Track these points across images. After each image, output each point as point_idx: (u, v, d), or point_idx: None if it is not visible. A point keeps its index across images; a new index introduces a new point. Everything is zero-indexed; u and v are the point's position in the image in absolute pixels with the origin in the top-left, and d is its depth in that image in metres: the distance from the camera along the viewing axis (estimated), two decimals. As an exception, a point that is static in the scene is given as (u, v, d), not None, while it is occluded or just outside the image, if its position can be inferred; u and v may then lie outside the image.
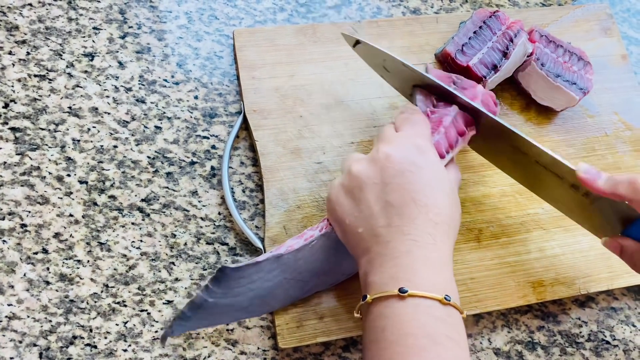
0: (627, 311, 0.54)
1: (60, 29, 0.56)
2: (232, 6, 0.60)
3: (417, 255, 0.39)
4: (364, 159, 0.44)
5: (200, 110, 0.55)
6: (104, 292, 0.47)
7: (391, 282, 0.39)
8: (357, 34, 0.59)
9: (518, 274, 0.52)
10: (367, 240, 0.41)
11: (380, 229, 0.41)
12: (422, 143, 0.43)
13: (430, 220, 0.40)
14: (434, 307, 0.38)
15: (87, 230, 0.49)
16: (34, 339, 0.45)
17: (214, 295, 0.43)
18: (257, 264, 0.44)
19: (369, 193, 0.42)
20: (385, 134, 0.45)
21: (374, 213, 0.41)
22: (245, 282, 0.44)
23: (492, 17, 0.57)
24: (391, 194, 0.41)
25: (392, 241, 0.40)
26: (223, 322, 0.46)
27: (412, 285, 0.38)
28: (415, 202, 0.41)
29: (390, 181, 0.41)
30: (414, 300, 0.37)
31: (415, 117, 0.46)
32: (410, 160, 0.42)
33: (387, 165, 0.42)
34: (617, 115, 0.61)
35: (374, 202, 0.41)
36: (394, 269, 0.39)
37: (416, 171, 0.41)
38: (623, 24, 0.68)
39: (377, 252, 0.40)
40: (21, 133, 0.51)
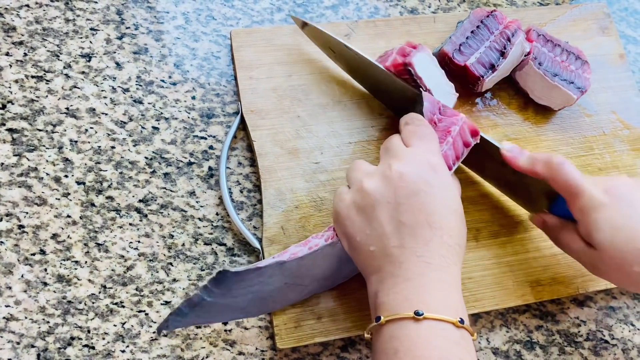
0: (625, 310, 0.54)
1: (58, 30, 0.56)
2: (229, 6, 0.60)
3: (431, 277, 0.39)
4: (375, 175, 0.42)
5: (197, 111, 0.55)
6: (102, 293, 0.47)
7: (405, 304, 0.38)
8: (354, 34, 0.59)
9: (516, 273, 0.52)
10: (378, 259, 0.41)
11: (393, 249, 0.40)
12: (434, 160, 0.43)
13: (444, 243, 0.40)
14: (448, 330, 0.38)
15: (85, 231, 0.49)
16: (31, 340, 0.45)
17: (213, 295, 0.43)
18: (259, 269, 0.44)
19: (381, 212, 0.41)
20: (395, 149, 0.44)
21: (387, 232, 0.41)
22: (245, 285, 0.44)
23: (489, 17, 0.57)
24: (405, 214, 0.40)
25: (405, 262, 0.40)
26: (219, 320, 0.46)
27: (427, 307, 0.38)
28: (430, 224, 0.40)
29: (404, 201, 0.41)
30: (429, 323, 0.37)
31: (423, 130, 0.45)
32: (424, 179, 0.41)
33: (401, 184, 0.41)
34: (615, 114, 0.60)
35: (387, 222, 0.41)
36: (408, 291, 0.39)
37: (430, 191, 0.41)
38: (621, 23, 0.68)
39: (389, 272, 0.40)
40: (18, 134, 0.51)
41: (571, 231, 0.46)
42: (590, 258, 0.45)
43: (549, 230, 0.49)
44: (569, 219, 0.47)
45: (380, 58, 0.54)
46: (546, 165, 0.45)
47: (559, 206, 0.48)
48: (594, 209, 0.43)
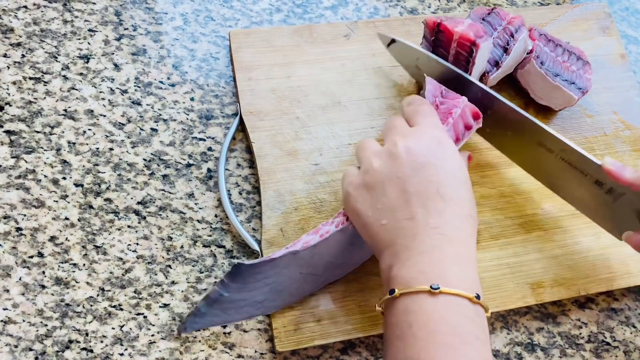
0: (627, 312, 0.54)
1: (56, 31, 0.55)
2: (228, 7, 0.60)
3: (447, 250, 0.39)
4: (383, 153, 0.43)
5: (196, 112, 0.55)
6: (100, 295, 0.47)
7: (421, 277, 0.38)
8: (354, 34, 0.58)
9: (517, 275, 0.51)
10: (391, 232, 0.40)
11: (405, 221, 0.40)
12: (439, 135, 0.43)
13: (457, 214, 0.40)
14: (464, 306, 0.37)
15: (83, 233, 0.49)
16: (29, 343, 0.45)
17: (229, 290, 0.44)
18: (273, 260, 0.44)
19: (391, 187, 0.41)
20: (399, 127, 0.44)
21: (398, 206, 0.40)
22: (261, 277, 0.44)
23: (491, 14, 0.57)
24: (415, 186, 0.40)
25: (419, 234, 0.39)
26: (237, 318, 0.46)
27: (444, 282, 0.37)
28: (441, 195, 0.40)
29: (413, 174, 0.41)
30: (446, 298, 0.37)
31: (425, 108, 0.45)
32: (432, 152, 0.41)
33: (410, 158, 0.41)
34: (616, 115, 0.60)
35: (398, 195, 0.41)
36: (423, 264, 0.38)
37: (438, 163, 0.41)
38: (622, 23, 0.67)
39: (402, 245, 0.40)
40: (16, 136, 0.51)
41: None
42: None
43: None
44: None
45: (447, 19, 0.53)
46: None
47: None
48: None
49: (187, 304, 0.48)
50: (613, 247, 0.53)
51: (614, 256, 0.53)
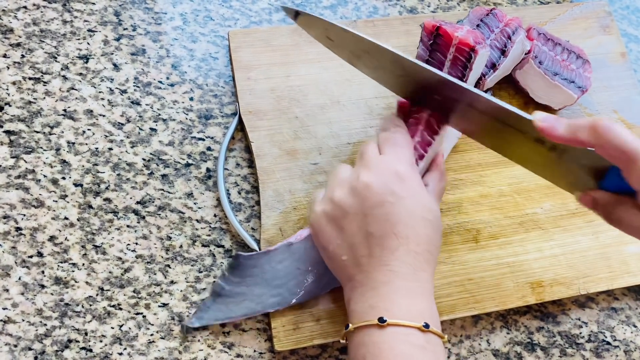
0: (627, 311, 0.53)
1: (55, 32, 0.55)
2: (227, 7, 0.60)
3: (397, 285, 0.40)
4: (345, 185, 0.43)
5: (195, 112, 0.55)
6: (99, 295, 0.47)
7: (371, 311, 0.40)
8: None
9: (517, 274, 0.51)
10: (350, 268, 0.42)
11: (362, 258, 0.41)
12: (402, 169, 0.43)
13: (410, 251, 0.41)
14: (412, 335, 0.38)
15: (82, 233, 0.49)
16: (29, 342, 0.45)
17: (231, 283, 0.46)
18: (269, 252, 0.46)
19: (350, 222, 0.42)
20: (367, 157, 0.44)
21: (356, 243, 0.42)
22: (258, 271, 0.46)
23: (489, 15, 0.57)
24: (372, 224, 0.41)
25: (373, 271, 0.41)
26: (238, 315, 0.46)
27: (390, 314, 0.39)
28: (396, 234, 0.41)
29: (370, 212, 0.41)
30: (393, 329, 0.38)
31: (397, 137, 0.45)
32: (390, 189, 0.42)
33: (367, 195, 0.42)
34: (616, 114, 0.60)
35: (356, 232, 0.42)
36: (374, 299, 0.40)
37: (396, 202, 0.41)
38: (622, 22, 0.67)
39: (359, 281, 0.41)
40: (16, 136, 0.51)
41: (630, 206, 0.40)
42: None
43: (602, 209, 0.42)
44: (625, 193, 0.40)
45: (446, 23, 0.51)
46: (591, 131, 0.38)
47: (610, 180, 0.41)
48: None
49: (186, 303, 0.48)
50: (613, 246, 0.53)
51: (614, 255, 0.53)
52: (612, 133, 0.37)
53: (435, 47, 0.53)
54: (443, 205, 0.53)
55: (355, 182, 0.43)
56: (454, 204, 0.53)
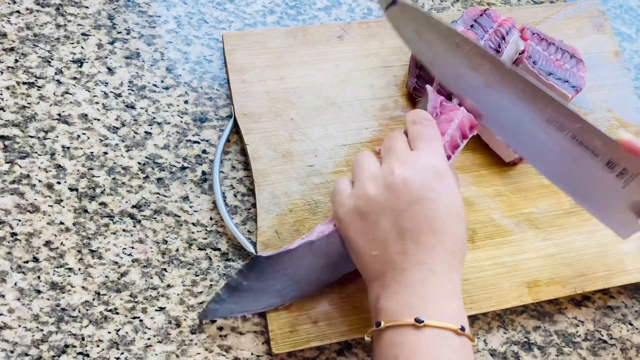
0: (623, 310, 0.54)
1: (49, 36, 0.55)
2: (221, 10, 0.60)
3: (434, 284, 0.39)
4: (379, 180, 0.41)
5: (190, 115, 0.55)
6: (96, 300, 0.47)
7: (406, 311, 0.38)
8: (347, 35, 0.58)
9: (513, 274, 0.51)
10: (381, 264, 0.41)
11: (396, 255, 0.40)
12: (439, 165, 0.42)
13: (447, 249, 0.40)
14: (449, 338, 0.37)
15: (78, 237, 0.48)
16: (25, 348, 0.44)
17: (248, 279, 0.45)
18: (290, 251, 0.45)
19: (385, 219, 0.41)
20: (398, 151, 0.43)
21: (390, 239, 0.40)
22: (279, 268, 0.46)
23: (483, 15, 0.57)
24: (408, 221, 0.40)
25: (409, 269, 0.40)
26: (256, 307, 0.46)
27: (428, 315, 0.38)
28: (434, 231, 0.40)
29: (408, 208, 0.40)
30: (430, 331, 0.37)
31: (429, 132, 0.44)
32: (429, 186, 0.40)
33: (404, 191, 0.40)
34: (610, 113, 0.60)
35: (391, 229, 0.40)
36: (410, 298, 0.39)
37: (435, 198, 0.40)
38: (615, 21, 0.67)
39: (391, 278, 0.40)
40: (10, 141, 0.51)
41: None
42: None
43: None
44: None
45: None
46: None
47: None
48: None
49: (183, 307, 0.48)
50: (609, 245, 0.53)
51: (610, 254, 0.53)
52: None
53: (429, 48, 0.53)
54: (439, 205, 0.53)
55: (390, 177, 0.41)
56: (450, 205, 0.53)
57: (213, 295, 0.47)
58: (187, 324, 0.47)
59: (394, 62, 0.58)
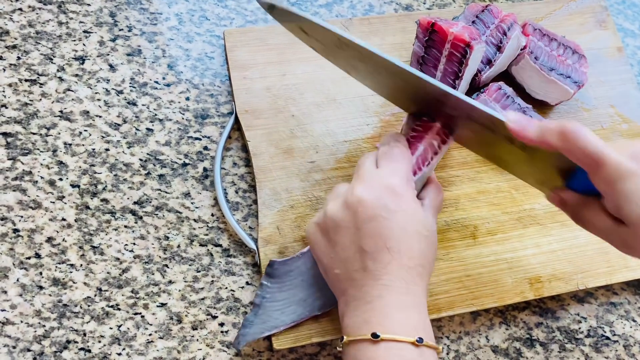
0: (626, 306, 0.53)
1: (51, 33, 0.55)
2: (222, 7, 0.60)
3: (389, 299, 0.40)
4: (339, 198, 0.43)
5: (191, 112, 0.55)
6: (98, 295, 0.47)
7: (364, 326, 0.40)
8: (349, 32, 0.58)
9: (515, 270, 0.51)
10: (343, 282, 0.42)
11: (354, 272, 0.42)
12: (396, 183, 0.42)
13: (403, 266, 0.41)
14: (406, 350, 0.39)
15: (80, 234, 0.49)
16: (27, 344, 0.45)
17: (270, 291, 0.46)
18: (302, 255, 0.47)
19: (343, 236, 0.42)
20: (362, 170, 0.44)
21: (349, 257, 0.42)
22: (296, 274, 0.46)
23: (484, 11, 0.57)
24: (364, 239, 0.41)
25: (366, 285, 0.41)
26: (286, 321, 0.46)
27: (384, 329, 0.39)
28: (388, 248, 0.41)
29: (363, 226, 0.41)
30: (386, 344, 0.38)
31: (394, 152, 0.45)
32: (383, 204, 0.41)
33: (360, 209, 0.41)
34: (613, 109, 0.60)
35: (349, 246, 0.42)
36: (367, 314, 0.40)
37: (389, 216, 0.41)
38: (618, 16, 0.67)
39: (352, 295, 0.42)
40: (12, 138, 0.51)
41: (595, 207, 0.41)
42: (621, 235, 0.39)
43: (569, 209, 0.43)
44: (591, 194, 0.41)
45: (441, 19, 0.52)
46: (560, 134, 0.39)
47: (578, 180, 0.42)
48: (621, 178, 0.37)
49: (184, 303, 0.48)
50: (611, 241, 0.53)
51: (613, 250, 0.52)
52: (579, 138, 0.38)
53: (430, 43, 0.53)
54: (440, 201, 0.53)
55: (349, 195, 0.42)
56: (451, 201, 0.53)
57: (242, 321, 0.47)
58: (188, 320, 0.47)
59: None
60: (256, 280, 0.49)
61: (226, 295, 0.48)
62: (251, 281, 0.49)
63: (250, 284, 0.49)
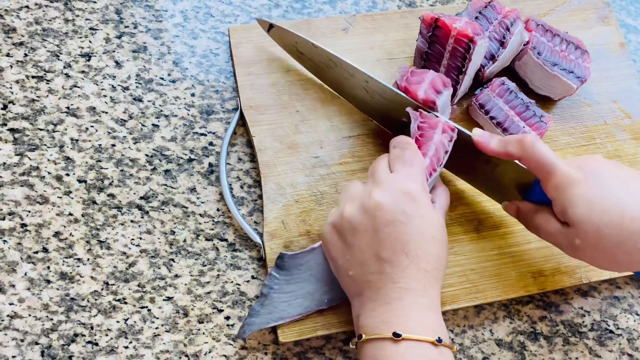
0: (630, 300, 0.53)
1: (57, 30, 0.56)
2: (227, 3, 0.60)
3: (408, 301, 0.41)
4: (356, 201, 0.44)
5: (197, 108, 0.55)
6: (105, 289, 0.47)
7: (384, 326, 0.40)
8: (352, 28, 0.59)
9: (518, 264, 0.51)
10: (358, 284, 0.43)
11: (371, 275, 0.42)
12: (413, 188, 0.43)
13: (420, 269, 0.42)
14: (426, 349, 0.40)
15: (87, 228, 0.49)
16: (35, 337, 0.45)
17: (278, 282, 0.46)
18: (313, 250, 0.47)
19: (360, 239, 0.43)
20: (378, 174, 0.45)
21: (365, 259, 0.42)
22: (305, 268, 0.47)
23: (487, 7, 0.57)
24: (382, 243, 0.42)
25: (383, 288, 0.42)
26: (292, 313, 0.46)
27: (405, 329, 0.40)
28: (406, 252, 0.42)
29: (382, 230, 0.42)
30: (407, 343, 0.39)
31: (408, 155, 0.46)
32: (401, 209, 0.42)
33: (378, 214, 0.42)
34: (616, 104, 0.60)
35: (365, 249, 0.42)
36: (386, 314, 0.41)
37: (407, 221, 0.42)
38: (621, 12, 0.67)
39: (368, 297, 0.42)
40: (20, 134, 0.51)
41: (546, 213, 0.45)
42: (567, 237, 0.44)
43: (523, 216, 0.48)
44: (544, 204, 0.46)
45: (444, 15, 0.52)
46: (518, 144, 0.45)
47: (534, 194, 0.47)
48: (568, 185, 0.43)
49: (190, 296, 0.48)
50: (615, 235, 0.53)
51: (616, 244, 0.53)
52: (534, 147, 0.44)
53: (434, 39, 0.53)
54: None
55: (366, 199, 0.43)
56: (455, 195, 0.53)
57: (248, 310, 0.47)
58: (194, 314, 0.47)
59: (398, 54, 0.58)
60: (262, 274, 0.50)
61: (232, 289, 0.49)
62: (256, 275, 0.50)
63: (255, 277, 0.49)
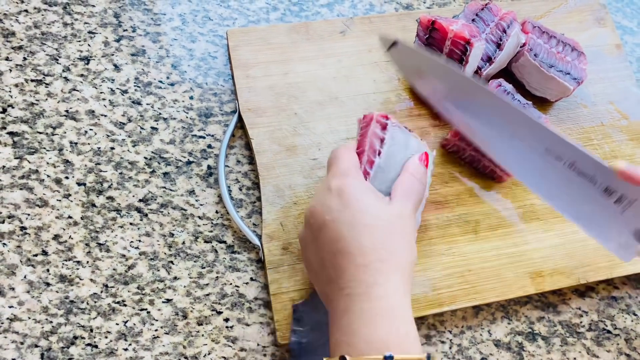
0: (627, 300, 0.54)
1: (56, 34, 0.56)
2: (225, 7, 0.61)
3: (353, 311, 0.37)
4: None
5: (195, 110, 0.55)
6: (104, 292, 0.47)
7: (336, 349, 0.38)
8: (350, 31, 0.59)
9: (517, 264, 0.52)
10: (323, 298, 0.42)
11: (325, 287, 0.40)
12: (335, 182, 0.41)
13: (358, 266, 0.38)
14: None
15: (86, 231, 0.49)
16: (35, 340, 0.45)
17: (303, 335, 0.45)
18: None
19: (310, 254, 0.42)
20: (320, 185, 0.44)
21: (317, 271, 0.41)
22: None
23: (484, 9, 0.57)
24: (321, 249, 0.40)
25: (334, 300, 0.39)
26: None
27: (352, 349, 0.36)
28: (340, 252, 0.39)
29: (318, 236, 0.40)
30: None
31: (335, 154, 0.43)
32: (327, 208, 0.40)
33: (311, 221, 0.41)
34: (612, 105, 0.60)
35: (314, 261, 0.42)
36: (337, 333, 0.38)
37: (335, 217, 0.39)
38: (617, 14, 0.68)
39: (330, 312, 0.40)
40: (19, 137, 0.52)
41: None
42: None
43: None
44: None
45: (441, 17, 0.51)
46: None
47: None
48: None
49: (189, 299, 0.48)
50: (612, 235, 0.54)
51: (613, 244, 0.53)
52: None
53: (431, 41, 0.54)
54: (441, 197, 0.53)
55: (306, 212, 0.42)
56: (453, 197, 0.54)
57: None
58: (193, 316, 0.48)
59: (396, 56, 0.58)
60: (260, 276, 0.50)
61: (231, 291, 0.49)
62: (255, 277, 0.50)
63: (254, 279, 0.50)
